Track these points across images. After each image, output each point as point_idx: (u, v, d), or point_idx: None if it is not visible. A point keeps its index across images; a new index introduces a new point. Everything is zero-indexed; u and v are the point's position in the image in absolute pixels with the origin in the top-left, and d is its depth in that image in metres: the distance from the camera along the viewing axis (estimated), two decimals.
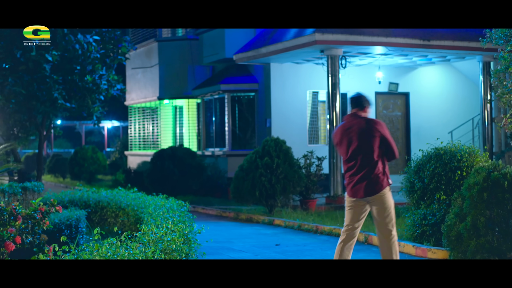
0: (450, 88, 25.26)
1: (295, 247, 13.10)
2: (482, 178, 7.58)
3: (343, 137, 8.70)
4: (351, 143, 8.64)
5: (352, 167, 8.62)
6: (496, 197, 7.48)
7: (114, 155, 38.94)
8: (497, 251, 7.41)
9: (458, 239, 7.63)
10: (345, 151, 8.67)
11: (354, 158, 8.59)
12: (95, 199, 15.20)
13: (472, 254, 7.43)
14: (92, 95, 19.36)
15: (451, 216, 7.88)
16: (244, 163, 18.10)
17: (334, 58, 19.54)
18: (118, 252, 7.14)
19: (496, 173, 7.59)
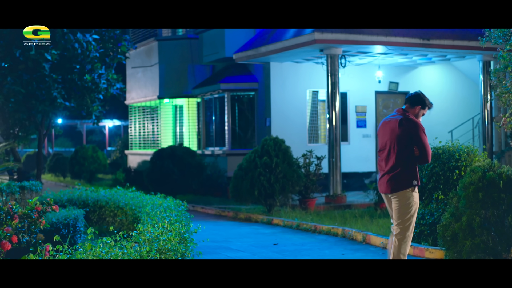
0: (450, 87, 25.23)
1: (293, 246, 13.08)
2: (478, 177, 7.56)
3: (381, 129, 8.89)
4: (384, 137, 8.79)
5: (380, 160, 8.82)
6: (492, 197, 7.45)
7: (114, 154, 38.94)
8: (492, 251, 7.39)
9: (454, 239, 7.61)
10: (379, 143, 8.87)
11: (383, 152, 8.77)
12: (94, 198, 15.18)
13: (467, 254, 7.41)
14: (91, 94, 19.33)
15: (446, 216, 7.86)
16: (243, 163, 18.08)
17: (334, 57, 19.52)
18: (111, 252, 7.11)
19: (492, 173, 7.56)
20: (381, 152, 8.78)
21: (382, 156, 8.74)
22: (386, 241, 12.67)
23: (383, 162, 8.68)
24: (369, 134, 23.99)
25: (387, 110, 24.54)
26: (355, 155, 23.61)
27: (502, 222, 7.41)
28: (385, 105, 24.53)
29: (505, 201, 7.45)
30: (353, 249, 12.62)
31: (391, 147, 8.55)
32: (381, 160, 8.79)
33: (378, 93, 24.29)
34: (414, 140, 8.48)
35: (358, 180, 23.52)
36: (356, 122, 23.84)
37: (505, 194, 7.44)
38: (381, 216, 16.19)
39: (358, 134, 23.90)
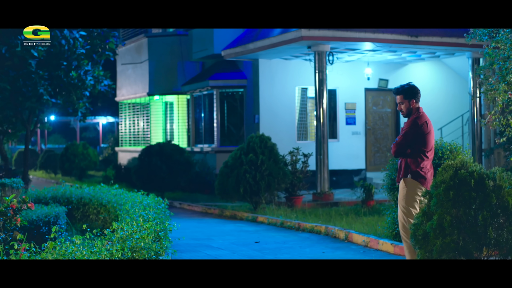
0: (440, 84, 25.14)
1: (274, 244, 13.00)
2: (449, 176, 7.47)
3: (431, 127, 8.96)
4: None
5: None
6: (463, 195, 7.37)
7: (107, 151, 38.86)
8: (463, 250, 7.31)
9: (425, 238, 7.52)
10: (432, 143, 8.91)
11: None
12: (78, 196, 15.10)
13: (437, 254, 7.32)
14: (77, 91, 19.22)
15: (418, 215, 7.77)
16: (229, 160, 18.01)
17: (321, 54, 19.43)
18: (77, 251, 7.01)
19: (463, 171, 7.48)
20: (431, 150, 8.90)
21: (432, 153, 8.92)
22: (368, 239, 12.60)
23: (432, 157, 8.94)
24: (358, 131, 23.92)
25: (377, 107, 24.47)
26: (344, 152, 23.54)
27: (473, 221, 7.32)
28: (374, 102, 24.45)
29: (476, 200, 7.36)
30: (334, 247, 12.55)
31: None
32: (432, 155, 8.93)
33: (368, 90, 24.21)
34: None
35: (347, 177, 23.45)
36: (346, 119, 23.76)
37: (477, 193, 7.36)
38: (366, 214, 16.13)
39: (347, 131, 23.82)
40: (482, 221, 7.27)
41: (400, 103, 9.02)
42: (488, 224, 7.30)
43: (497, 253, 7.48)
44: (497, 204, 7.39)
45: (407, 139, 8.72)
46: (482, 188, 7.43)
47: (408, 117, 8.98)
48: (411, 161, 8.72)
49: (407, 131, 8.76)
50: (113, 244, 8.64)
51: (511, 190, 7.48)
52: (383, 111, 24.63)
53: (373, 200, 17.81)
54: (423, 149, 8.73)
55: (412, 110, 8.95)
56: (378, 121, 24.53)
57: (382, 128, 24.60)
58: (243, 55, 21.82)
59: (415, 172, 8.69)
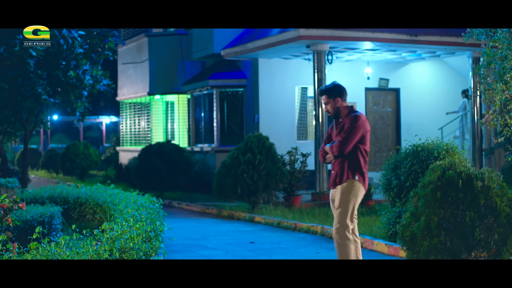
0: (441, 84, 25.06)
1: (269, 245, 12.95)
2: (437, 176, 7.42)
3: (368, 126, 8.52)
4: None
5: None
6: (450, 196, 7.31)
7: (109, 150, 38.85)
8: (450, 252, 7.25)
9: (412, 239, 7.47)
10: (369, 140, 8.53)
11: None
12: (74, 196, 15.09)
13: (425, 255, 7.27)
14: (75, 91, 19.20)
15: (407, 216, 7.72)
16: (226, 160, 17.96)
17: (320, 54, 19.36)
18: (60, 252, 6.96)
19: (451, 171, 7.42)
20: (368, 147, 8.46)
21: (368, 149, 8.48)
22: (362, 240, 12.54)
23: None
24: None
25: (377, 106, 24.40)
26: None
27: (460, 222, 7.27)
28: (375, 102, 24.38)
29: (464, 201, 7.31)
30: (329, 248, 12.48)
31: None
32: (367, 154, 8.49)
33: (368, 90, 24.14)
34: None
35: None
36: None
37: (464, 194, 7.30)
38: (364, 214, 16.06)
39: None
40: (470, 222, 7.22)
41: (326, 104, 8.63)
42: (475, 225, 7.25)
43: (486, 254, 7.42)
44: (485, 205, 7.33)
45: (353, 138, 8.22)
46: (470, 189, 7.38)
47: (337, 117, 8.57)
48: (355, 161, 8.23)
49: (352, 129, 8.24)
50: (102, 244, 8.61)
51: (499, 191, 7.43)
52: (383, 110, 24.56)
53: (372, 200, 17.76)
54: (365, 148, 8.30)
55: (339, 108, 8.55)
56: (379, 120, 24.46)
57: (382, 127, 24.53)
58: (243, 55, 21.76)
59: (361, 173, 8.24)
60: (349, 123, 8.30)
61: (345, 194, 8.10)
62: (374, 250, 12.08)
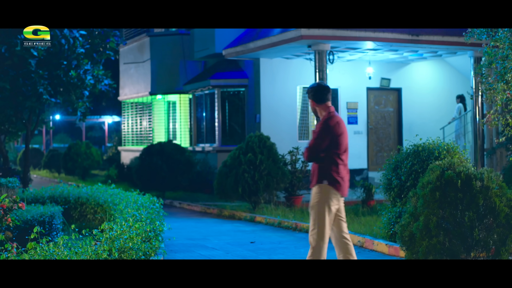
0: (443, 83, 25.03)
1: (270, 244, 12.94)
2: (436, 176, 7.39)
3: (343, 127, 8.45)
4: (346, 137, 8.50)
5: (346, 160, 8.45)
6: (449, 196, 7.29)
7: (111, 150, 38.85)
8: (449, 252, 7.23)
9: (411, 239, 7.46)
10: (345, 143, 8.40)
11: (346, 153, 8.42)
12: (75, 195, 15.11)
13: (423, 255, 7.25)
14: (76, 90, 19.19)
15: (406, 216, 7.70)
16: (227, 159, 17.95)
17: (322, 53, 19.33)
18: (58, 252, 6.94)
19: (450, 171, 7.39)
20: (345, 153, 8.34)
21: (346, 156, 8.37)
22: (363, 240, 12.54)
23: (347, 161, 8.44)
24: (360, 131, 23.83)
25: (379, 106, 24.38)
26: None
27: (459, 222, 7.24)
28: (376, 102, 24.35)
29: (463, 201, 7.28)
30: (329, 248, 12.43)
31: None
32: (346, 158, 8.45)
33: (370, 90, 24.11)
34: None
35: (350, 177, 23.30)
36: (347, 118, 23.66)
37: (463, 194, 7.28)
38: (365, 214, 16.04)
39: (349, 131, 23.69)
40: (469, 222, 7.20)
41: (310, 104, 8.58)
42: (474, 225, 7.23)
43: (484, 255, 7.40)
44: (484, 205, 7.31)
45: (319, 143, 8.16)
46: (469, 189, 7.36)
47: (318, 118, 8.55)
48: (325, 165, 8.16)
49: (318, 134, 8.19)
50: (101, 244, 8.60)
51: (498, 191, 7.41)
52: (385, 110, 24.53)
53: (373, 200, 17.72)
54: (336, 152, 8.20)
55: (317, 110, 8.50)
56: (380, 120, 24.43)
57: (384, 127, 24.50)
58: (244, 54, 21.74)
59: (331, 177, 8.15)
60: (317, 128, 8.25)
61: (314, 198, 8.19)
62: (375, 250, 12.06)
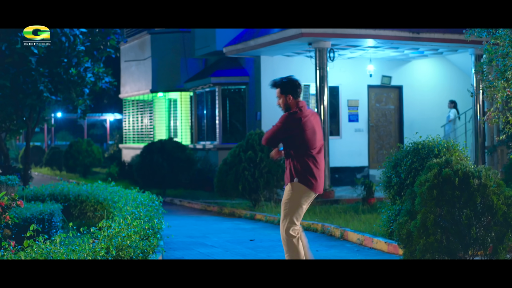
0: (444, 81, 25.01)
1: (269, 242, 12.92)
2: (433, 174, 7.38)
3: (314, 122, 8.42)
4: (319, 132, 8.48)
5: (321, 157, 8.43)
6: (447, 194, 7.28)
7: (112, 148, 38.86)
8: (446, 250, 7.22)
9: (409, 238, 7.44)
10: (317, 139, 8.40)
11: (319, 149, 8.41)
12: (75, 193, 15.11)
13: (421, 253, 7.23)
14: (77, 88, 19.19)
15: (403, 214, 7.69)
16: (228, 157, 17.94)
17: (322, 51, 19.31)
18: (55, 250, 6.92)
19: (448, 169, 7.38)
20: (318, 149, 8.32)
21: (320, 153, 8.34)
22: (362, 238, 12.53)
23: (322, 159, 8.36)
24: (361, 128, 23.80)
25: (380, 104, 24.36)
26: (346, 150, 23.43)
27: (457, 220, 7.23)
28: (377, 99, 24.33)
29: (461, 199, 7.27)
30: (329, 246, 12.47)
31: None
32: (321, 156, 8.34)
33: (371, 87, 24.09)
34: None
35: (350, 174, 23.32)
36: (348, 116, 23.65)
37: (460, 192, 7.26)
38: (365, 211, 16.02)
39: (350, 129, 23.71)
40: (466, 221, 7.19)
41: (278, 98, 8.51)
42: (472, 223, 7.21)
43: (482, 253, 7.39)
44: (482, 203, 7.30)
45: (275, 133, 8.20)
46: (467, 187, 7.34)
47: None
48: (297, 163, 8.11)
49: (277, 126, 8.21)
50: (99, 242, 8.59)
51: (496, 189, 7.39)
52: (386, 108, 24.51)
53: (373, 197, 17.70)
54: (307, 150, 8.15)
55: (289, 106, 8.37)
56: (381, 118, 24.41)
57: (385, 125, 24.49)
58: (245, 52, 21.73)
59: (302, 175, 8.13)
60: (279, 120, 8.29)
61: (285, 196, 8.35)
62: (374, 248, 12.06)
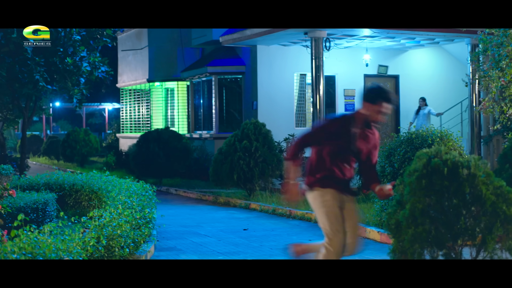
0: (441, 71, 24.99)
1: (263, 232, 12.95)
2: (422, 164, 7.35)
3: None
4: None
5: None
6: (435, 184, 7.27)
7: (110, 137, 38.85)
8: (435, 240, 7.21)
9: (397, 227, 7.42)
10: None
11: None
12: (70, 182, 15.09)
13: (409, 243, 7.22)
14: (72, 77, 19.18)
15: (393, 203, 7.67)
16: (223, 147, 17.94)
17: (318, 41, 19.30)
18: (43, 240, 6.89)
19: (437, 159, 7.36)
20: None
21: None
22: None
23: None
24: None
25: None
26: None
27: (446, 210, 7.23)
28: None
29: (450, 189, 7.25)
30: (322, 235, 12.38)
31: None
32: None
33: (367, 77, 24.07)
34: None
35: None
36: (345, 105, 23.64)
37: (449, 182, 7.24)
38: (360, 201, 15.99)
39: None
40: (455, 211, 7.18)
41: (386, 112, 7.59)
42: (461, 213, 7.21)
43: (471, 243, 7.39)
44: (471, 193, 7.28)
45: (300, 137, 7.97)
46: (456, 177, 7.32)
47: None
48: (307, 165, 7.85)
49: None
50: (90, 231, 8.61)
51: (485, 179, 7.38)
52: None
53: None
54: (322, 150, 8.02)
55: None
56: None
57: None
58: (241, 41, 21.72)
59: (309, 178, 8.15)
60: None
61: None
62: (367, 237, 12.08)
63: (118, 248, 8.83)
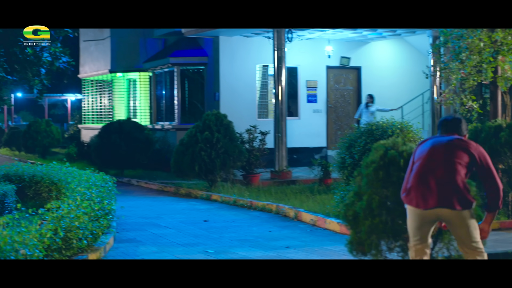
0: (402, 62, 25.11)
1: (223, 223, 12.95)
2: (379, 156, 7.43)
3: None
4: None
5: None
6: (393, 175, 7.33)
7: (72, 128, 38.55)
8: (391, 231, 7.28)
9: (355, 219, 7.49)
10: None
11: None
12: (30, 174, 14.98)
13: (366, 234, 7.29)
14: (33, 68, 19.00)
15: (350, 195, 7.73)
16: (184, 138, 17.90)
17: (280, 32, 19.32)
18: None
19: (393, 151, 7.43)
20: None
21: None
22: (316, 218, 12.59)
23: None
24: (320, 109, 23.85)
25: (339, 85, 24.42)
26: (305, 130, 23.47)
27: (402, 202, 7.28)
28: (336, 80, 24.38)
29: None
30: (282, 226, 12.51)
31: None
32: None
33: (330, 68, 24.12)
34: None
35: (308, 155, 23.36)
36: (307, 97, 23.69)
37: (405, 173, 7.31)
38: (321, 192, 16.06)
39: (308, 109, 23.75)
40: None
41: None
42: None
43: None
44: None
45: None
46: None
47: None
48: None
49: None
50: (47, 223, 8.54)
51: None
52: (344, 89, 24.58)
53: (330, 178, 17.77)
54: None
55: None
56: (340, 99, 24.48)
57: (343, 106, 24.56)
58: (204, 32, 21.66)
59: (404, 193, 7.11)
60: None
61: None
62: (327, 228, 12.13)
63: (76, 240, 8.79)
